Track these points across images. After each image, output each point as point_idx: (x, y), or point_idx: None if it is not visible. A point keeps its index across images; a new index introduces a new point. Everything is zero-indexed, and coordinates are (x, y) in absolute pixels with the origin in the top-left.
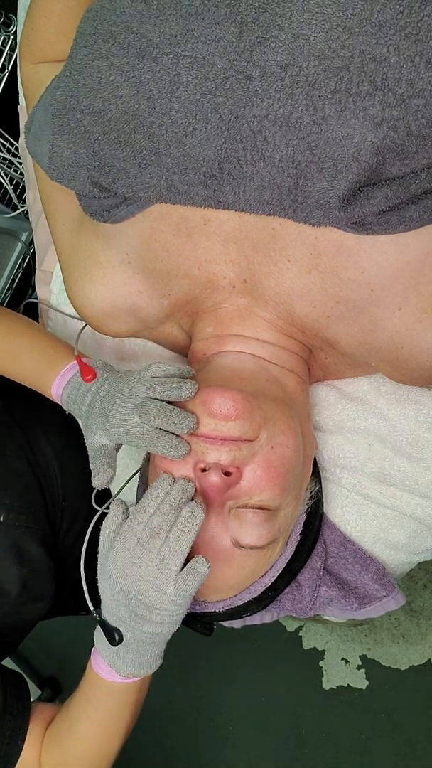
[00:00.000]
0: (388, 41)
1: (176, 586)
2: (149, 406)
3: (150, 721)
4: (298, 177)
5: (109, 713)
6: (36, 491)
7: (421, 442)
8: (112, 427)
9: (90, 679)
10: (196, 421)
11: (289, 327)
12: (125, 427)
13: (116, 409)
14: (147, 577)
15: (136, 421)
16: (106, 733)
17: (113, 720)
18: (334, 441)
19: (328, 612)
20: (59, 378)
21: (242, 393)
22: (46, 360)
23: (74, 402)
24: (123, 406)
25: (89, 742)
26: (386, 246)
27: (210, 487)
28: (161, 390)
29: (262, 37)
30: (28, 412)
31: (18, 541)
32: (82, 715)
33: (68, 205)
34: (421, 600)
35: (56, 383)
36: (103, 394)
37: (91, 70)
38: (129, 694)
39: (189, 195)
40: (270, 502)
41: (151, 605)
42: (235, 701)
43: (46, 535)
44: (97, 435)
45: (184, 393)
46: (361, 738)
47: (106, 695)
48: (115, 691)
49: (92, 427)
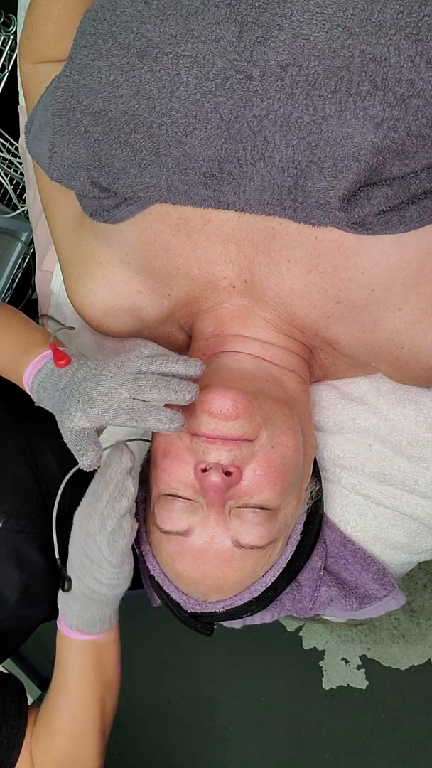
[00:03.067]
0: (389, 41)
1: (108, 543)
2: (143, 379)
3: (150, 721)
4: (299, 177)
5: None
6: (36, 496)
7: (421, 442)
8: (96, 405)
9: (57, 643)
10: (197, 389)
11: (289, 327)
12: (111, 403)
13: (100, 387)
14: (91, 531)
15: (124, 396)
16: (80, 701)
17: (82, 684)
18: (334, 441)
19: (328, 612)
20: (32, 365)
21: (242, 393)
22: (22, 348)
23: (45, 390)
24: (109, 384)
25: (65, 716)
26: (386, 246)
27: (211, 487)
28: (162, 364)
29: (262, 36)
30: (28, 415)
31: (18, 547)
32: (55, 691)
33: (68, 205)
34: (421, 600)
35: (29, 370)
36: (82, 375)
37: (91, 70)
38: (87, 654)
39: (189, 195)
40: (270, 502)
41: (92, 558)
42: (235, 701)
43: (46, 540)
44: (77, 417)
45: (192, 370)
46: (361, 738)
47: (66, 653)
48: (75, 647)
49: (70, 410)
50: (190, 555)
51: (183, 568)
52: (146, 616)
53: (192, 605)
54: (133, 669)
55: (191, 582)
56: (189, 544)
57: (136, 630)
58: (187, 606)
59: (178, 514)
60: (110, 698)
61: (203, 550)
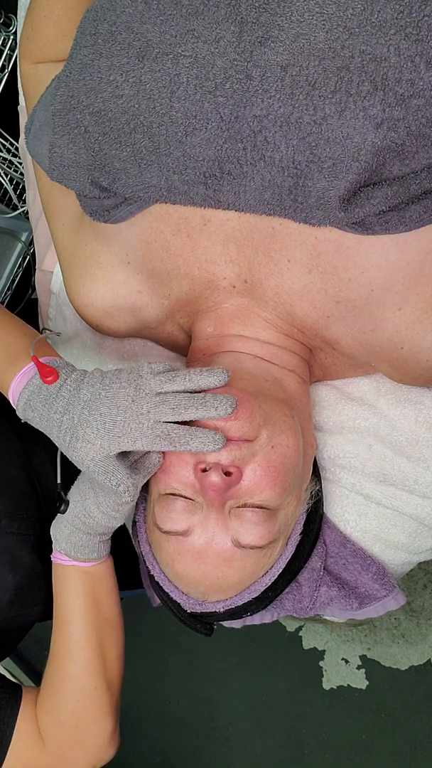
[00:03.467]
0: (389, 41)
1: (129, 470)
2: (173, 400)
3: (150, 721)
4: (299, 177)
5: (70, 609)
6: (30, 496)
7: (421, 442)
8: (125, 433)
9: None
10: (236, 399)
11: (289, 327)
12: (143, 430)
13: (125, 413)
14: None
15: (156, 421)
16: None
17: (77, 618)
18: (334, 441)
19: (328, 612)
20: (17, 379)
21: (242, 393)
22: (8, 357)
23: (34, 410)
24: (133, 408)
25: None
26: (386, 246)
27: (210, 487)
28: (185, 380)
29: (262, 37)
30: None
31: (11, 548)
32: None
33: (68, 205)
34: (421, 600)
35: (14, 384)
36: (87, 398)
37: (91, 70)
38: (80, 583)
39: (189, 195)
40: (270, 502)
41: (102, 485)
42: (235, 701)
43: (40, 540)
44: (97, 446)
45: (219, 378)
46: (361, 738)
47: (59, 584)
48: (66, 575)
49: (88, 437)
50: (190, 555)
51: (183, 568)
52: (146, 616)
53: (192, 605)
54: (133, 669)
55: (191, 582)
56: (189, 544)
57: (136, 630)
58: (187, 606)
59: (178, 514)
60: (112, 641)
61: (203, 550)
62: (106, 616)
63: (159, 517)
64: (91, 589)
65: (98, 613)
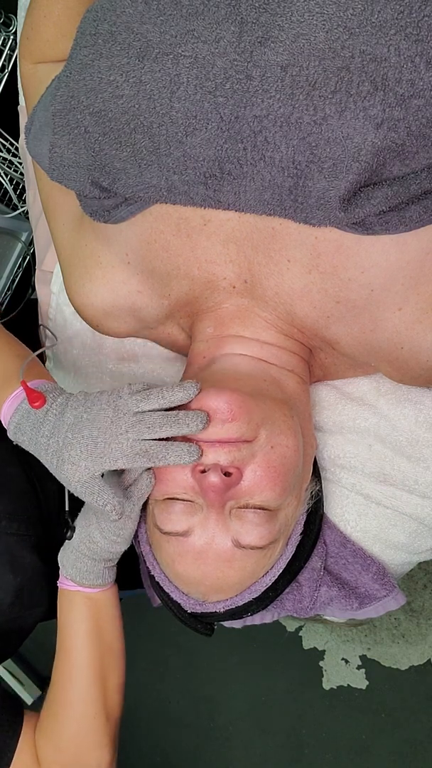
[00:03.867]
0: (389, 41)
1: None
2: (149, 419)
3: (150, 721)
4: (299, 177)
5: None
6: (30, 497)
7: (421, 442)
8: (106, 453)
9: (58, 603)
10: (206, 416)
11: (289, 327)
12: (122, 450)
13: (104, 434)
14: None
15: (135, 439)
16: (79, 668)
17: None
18: (334, 441)
19: (328, 612)
20: (8, 403)
21: (237, 393)
22: (0, 379)
23: (23, 433)
24: (113, 429)
25: (66, 685)
26: (386, 246)
27: (210, 488)
28: (159, 397)
29: (262, 37)
30: None
31: (11, 549)
32: (57, 660)
33: (68, 205)
34: (421, 600)
35: (5, 407)
36: (71, 421)
37: (91, 71)
38: (84, 608)
39: (189, 195)
40: (271, 503)
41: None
42: (235, 701)
43: (41, 540)
44: (82, 468)
45: (190, 392)
46: (361, 738)
47: (64, 608)
48: (71, 600)
49: (72, 460)
50: (191, 555)
51: (183, 569)
52: (146, 616)
53: (192, 605)
54: (133, 669)
55: (191, 582)
56: (189, 545)
57: (136, 630)
58: (187, 606)
59: (177, 515)
60: (114, 670)
61: (203, 551)
62: (108, 644)
63: (159, 519)
64: (95, 615)
65: (101, 641)
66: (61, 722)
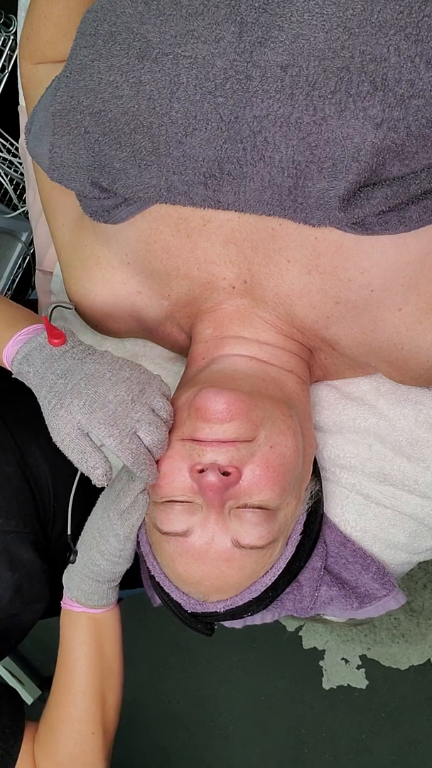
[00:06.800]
0: (388, 41)
1: (120, 518)
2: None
3: (150, 721)
4: (298, 177)
5: (76, 654)
6: (27, 494)
7: (421, 442)
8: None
9: (60, 622)
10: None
11: (288, 328)
12: (122, 435)
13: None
14: (108, 508)
15: (135, 432)
16: (80, 686)
17: (81, 662)
18: (334, 441)
19: (328, 611)
20: (15, 338)
21: (235, 393)
22: (3, 322)
23: (30, 364)
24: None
25: (66, 708)
26: (386, 246)
27: (208, 487)
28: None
29: (262, 37)
30: (17, 413)
31: (9, 547)
32: (57, 676)
33: (68, 206)
34: (421, 600)
35: (11, 342)
36: (91, 372)
37: (91, 71)
38: (87, 629)
39: (189, 195)
40: (270, 502)
41: (102, 533)
42: (235, 701)
43: (38, 538)
44: (75, 420)
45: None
46: (361, 738)
47: (67, 628)
48: (75, 621)
49: (71, 408)
50: (191, 555)
51: (183, 569)
52: (146, 616)
53: (192, 605)
54: (133, 669)
55: (191, 582)
56: (189, 545)
57: (136, 630)
58: (187, 606)
59: (177, 516)
60: (112, 689)
61: (203, 551)
62: (108, 664)
63: (159, 519)
64: (98, 635)
65: (102, 661)
66: (59, 738)
